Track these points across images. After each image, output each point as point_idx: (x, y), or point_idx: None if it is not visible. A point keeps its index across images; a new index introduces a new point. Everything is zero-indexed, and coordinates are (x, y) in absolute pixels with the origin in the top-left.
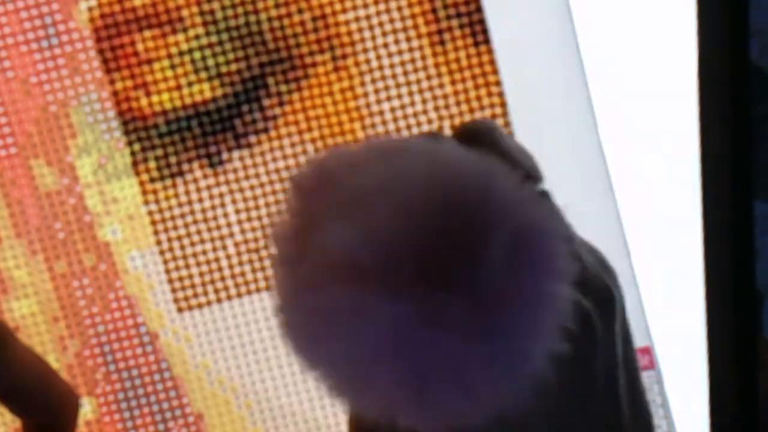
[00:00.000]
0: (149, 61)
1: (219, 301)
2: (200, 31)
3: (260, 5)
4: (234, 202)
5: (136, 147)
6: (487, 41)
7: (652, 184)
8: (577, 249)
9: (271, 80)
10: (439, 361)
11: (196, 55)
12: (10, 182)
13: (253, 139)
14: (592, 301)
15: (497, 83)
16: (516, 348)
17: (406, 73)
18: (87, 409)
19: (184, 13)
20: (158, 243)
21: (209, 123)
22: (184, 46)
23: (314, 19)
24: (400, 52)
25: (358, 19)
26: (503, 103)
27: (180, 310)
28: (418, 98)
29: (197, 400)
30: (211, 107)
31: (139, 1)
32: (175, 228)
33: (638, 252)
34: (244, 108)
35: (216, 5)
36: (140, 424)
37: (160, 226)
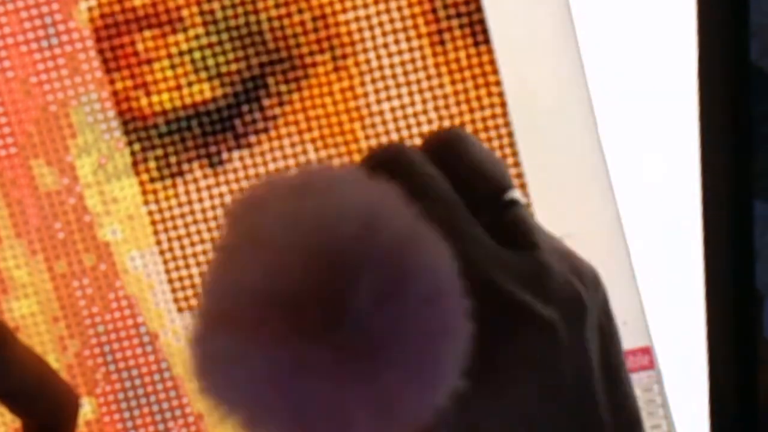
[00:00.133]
0: (149, 61)
1: None
2: (200, 31)
3: (260, 5)
4: None
5: (136, 147)
6: (487, 41)
7: (652, 184)
8: (542, 258)
9: (271, 80)
10: (317, 409)
11: (196, 55)
12: (10, 182)
13: (253, 139)
14: (557, 311)
15: (497, 83)
16: (393, 390)
17: (406, 73)
18: (87, 409)
19: (184, 13)
20: (158, 243)
21: (209, 123)
22: (184, 46)
23: (314, 19)
24: (400, 52)
25: (358, 19)
26: (503, 103)
27: (180, 310)
28: (418, 98)
29: (197, 400)
30: (211, 107)
31: (139, 1)
32: (175, 228)
33: (638, 252)
34: (244, 108)
35: (216, 5)
36: (140, 424)
37: (160, 226)
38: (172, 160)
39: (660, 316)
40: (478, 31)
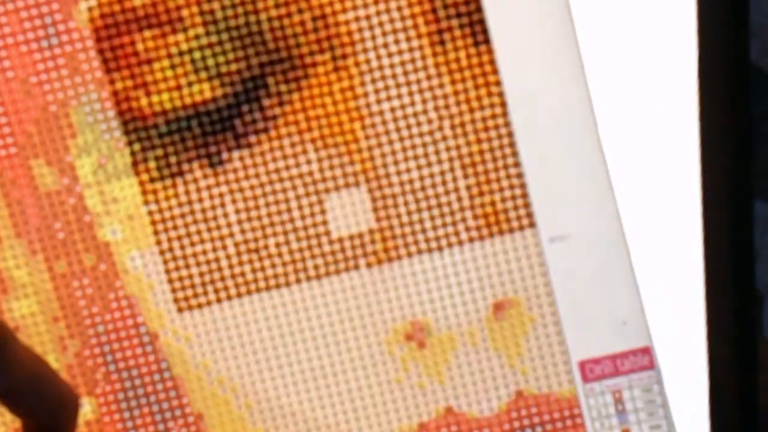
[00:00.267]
0: (149, 61)
1: (219, 301)
2: (200, 31)
3: (260, 5)
4: (234, 202)
5: (136, 147)
6: (487, 41)
7: (652, 184)
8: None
9: (271, 80)
10: None
11: (196, 55)
12: (10, 182)
13: (253, 139)
14: None
15: (497, 83)
16: None
17: (406, 73)
18: (87, 409)
19: (184, 13)
20: (158, 243)
21: (209, 123)
22: (184, 46)
23: (314, 19)
24: (400, 52)
25: (358, 19)
26: (503, 103)
27: (180, 310)
28: (418, 98)
29: (197, 400)
30: (211, 107)
31: (139, 1)
32: (175, 228)
33: (638, 252)
34: (244, 108)
35: (216, 5)
36: (140, 424)
37: (160, 226)
38: (172, 160)
39: (660, 316)
40: (478, 31)
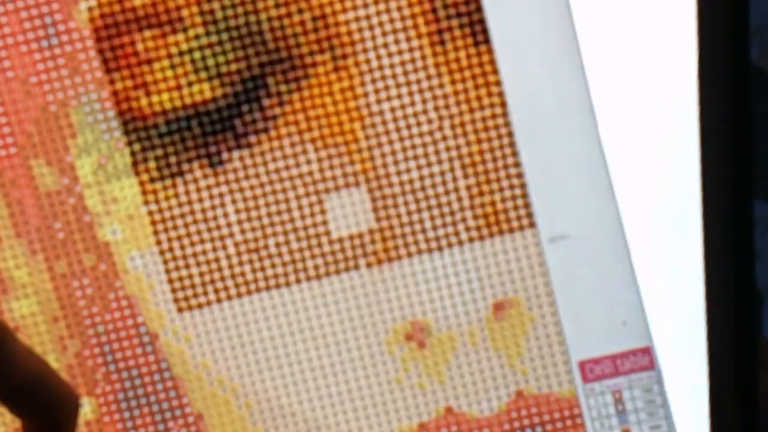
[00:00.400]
0: (149, 61)
1: (219, 301)
2: (200, 31)
3: (260, 5)
4: (234, 202)
5: (136, 147)
6: (487, 41)
7: (652, 184)
8: None
9: (271, 80)
10: None
11: (196, 55)
12: (10, 182)
13: (253, 139)
14: None
15: (497, 83)
16: None
17: (406, 73)
18: (87, 409)
19: (184, 13)
20: (158, 243)
21: (209, 123)
22: (184, 46)
23: (314, 19)
24: (400, 52)
25: (358, 19)
26: (503, 103)
27: (180, 310)
28: (418, 98)
29: (197, 400)
30: (211, 107)
31: (139, 1)
32: (175, 228)
33: (638, 252)
34: (244, 108)
35: (216, 5)
36: (140, 424)
37: (160, 226)
38: (172, 160)
39: (660, 316)
40: (478, 31)
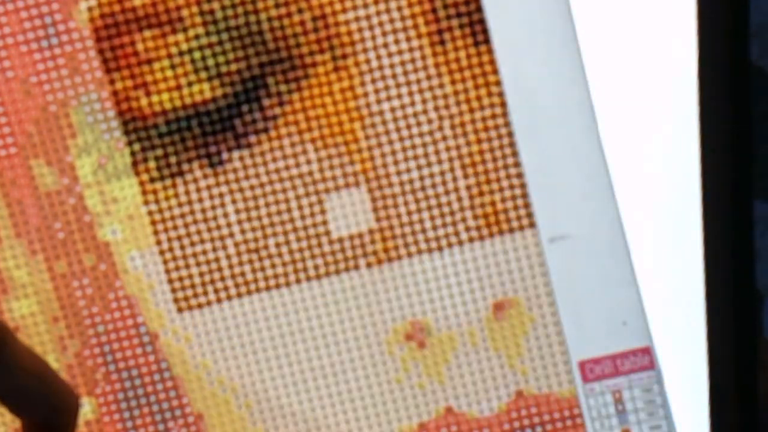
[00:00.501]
0: (149, 61)
1: (219, 301)
2: (200, 31)
3: (260, 5)
4: (234, 202)
5: (136, 147)
6: (487, 41)
7: (652, 184)
8: None
9: (271, 80)
10: None
11: (196, 55)
12: (10, 182)
13: (253, 139)
14: None
15: (497, 83)
16: None
17: (406, 73)
18: (87, 409)
19: (184, 13)
20: (158, 243)
21: (209, 123)
22: (184, 46)
23: (314, 19)
24: (400, 52)
25: (358, 19)
26: (503, 103)
27: (180, 310)
28: (418, 98)
29: (197, 400)
30: (211, 107)
31: (139, 1)
32: (175, 228)
33: (638, 252)
34: (244, 108)
35: (216, 5)
36: (140, 424)
37: (160, 226)
38: (172, 160)
39: (660, 316)
40: (478, 31)
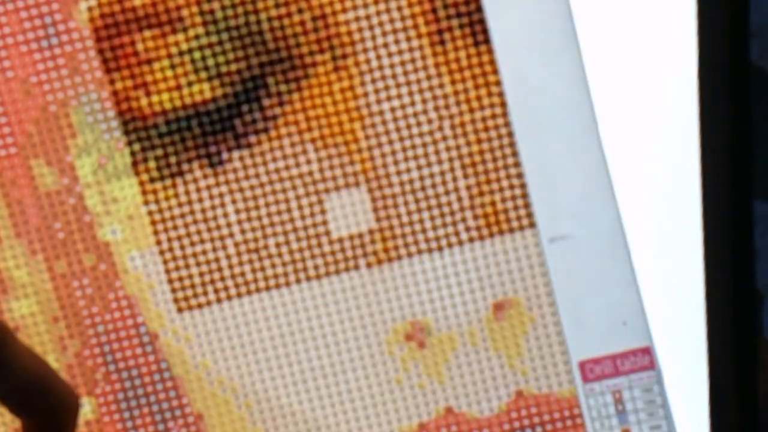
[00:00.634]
0: (149, 61)
1: (219, 301)
2: (200, 31)
3: (260, 5)
4: (234, 202)
5: (136, 147)
6: (487, 41)
7: (652, 184)
8: None
9: (271, 80)
10: None
11: (196, 55)
12: (10, 182)
13: (253, 139)
14: None
15: (497, 83)
16: None
17: (406, 73)
18: (87, 409)
19: (184, 13)
20: (158, 243)
21: (209, 123)
22: (184, 46)
23: (314, 19)
24: (400, 52)
25: (358, 19)
26: (503, 103)
27: (180, 310)
28: (418, 98)
29: (197, 400)
30: (211, 107)
31: (139, 1)
32: (175, 228)
33: (638, 252)
34: (244, 108)
35: (216, 5)
36: (140, 424)
37: (160, 226)
38: (172, 160)
39: (660, 316)
40: (478, 31)
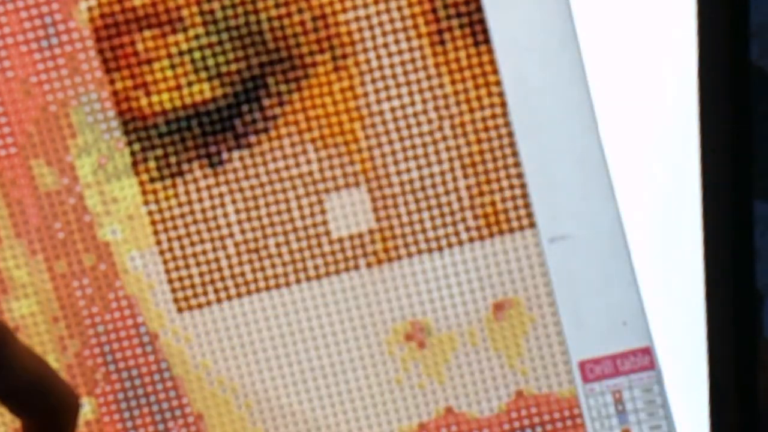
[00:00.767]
0: (149, 61)
1: (219, 301)
2: (200, 31)
3: (260, 5)
4: (234, 202)
5: (136, 147)
6: (487, 41)
7: (652, 184)
8: None
9: (271, 80)
10: None
11: (196, 55)
12: (10, 182)
13: (253, 139)
14: None
15: (497, 83)
16: None
17: (406, 73)
18: (87, 409)
19: (184, 13)
20: (158, 243)
21: (209, 123)
22: (184, 46)
23: (314, 19)
24: (400, 52)
25: (358, 19)
26: (503, 103)
27: (180, 310)
28: (418, 98)
29: (197, 400)
30: (211, 107)
31: (139, 1)
32: (175, 228)
33: (638, 252)
34: (244, 108)
35: (216, 5)
36: (140, 424)
37: (160, 226)
38: (172, 160)
39: (660, 316)
40: (478, 31)
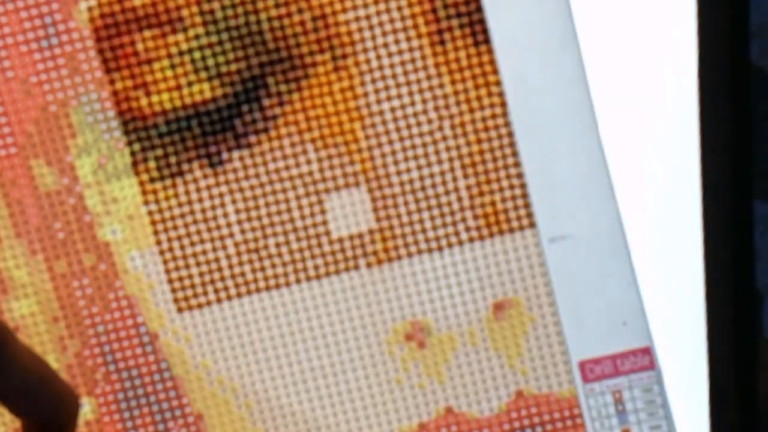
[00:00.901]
0: (149, 61)
1: (219, 301)
2: (200, 31)
3: (260, 5)
4: (234, 202)
5: (136, 147)
6: (487, 41)
7: (652, 184)
8: None
9: (271, 80)
10: None
11: (196, 55)
12: (10, 182)
13: (253, 139)
14: None
15: (497, 83)
16: None
17: (406, 73)
18: (87, 409)
19: (184, 13)
20: (158, 243)
21: (209, 123)
22: (184, 46)
23: (314, 19)
24: (400, 52)
25: (358, 19)
26: (503, 103)
27: (180, 310)
28: (418, 98)
29: (197, 400)
30: (211, 107)
31: (139, 1)
32: (175, 228)
33: (638, 252)
34: (244, 108)
35: (216, 5)
36: (140, 424)
37: (160, 226)
38: (172, 160)
39: (660, 316)
40: (478, 31)
